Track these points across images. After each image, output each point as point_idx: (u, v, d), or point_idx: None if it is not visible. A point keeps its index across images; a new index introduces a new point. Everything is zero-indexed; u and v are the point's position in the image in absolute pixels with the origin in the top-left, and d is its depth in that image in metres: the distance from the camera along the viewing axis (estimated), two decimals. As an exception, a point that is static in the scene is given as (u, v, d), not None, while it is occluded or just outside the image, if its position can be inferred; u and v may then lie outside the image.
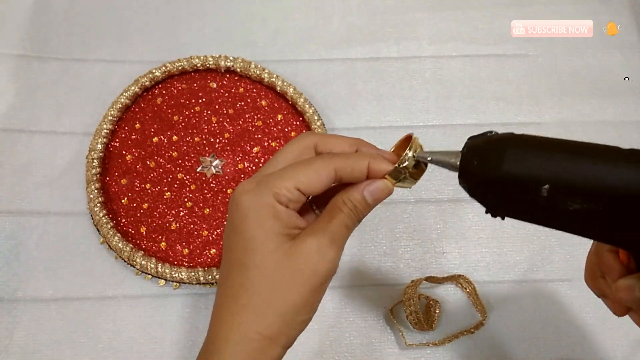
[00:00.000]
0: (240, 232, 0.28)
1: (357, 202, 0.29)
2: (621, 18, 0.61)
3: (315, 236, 0.28)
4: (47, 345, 0.47)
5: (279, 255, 0.27)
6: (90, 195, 0.50)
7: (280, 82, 0.54)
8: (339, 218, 0.29)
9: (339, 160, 0.28)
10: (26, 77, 0.56)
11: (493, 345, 0.48)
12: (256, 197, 0.27)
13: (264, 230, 0.27)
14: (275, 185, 0.27)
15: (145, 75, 0.54)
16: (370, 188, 0.29)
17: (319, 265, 0.27)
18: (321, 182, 0.28)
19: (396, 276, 0.50)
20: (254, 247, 0.27)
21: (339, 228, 0.29)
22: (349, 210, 0.29)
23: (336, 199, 0.29)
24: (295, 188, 0.27)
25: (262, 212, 0.27)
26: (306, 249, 0.27)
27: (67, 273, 0.49)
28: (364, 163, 0.29)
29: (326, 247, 0.28)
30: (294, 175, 0.28)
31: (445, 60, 0.59)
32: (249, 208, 0.27)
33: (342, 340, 0.48)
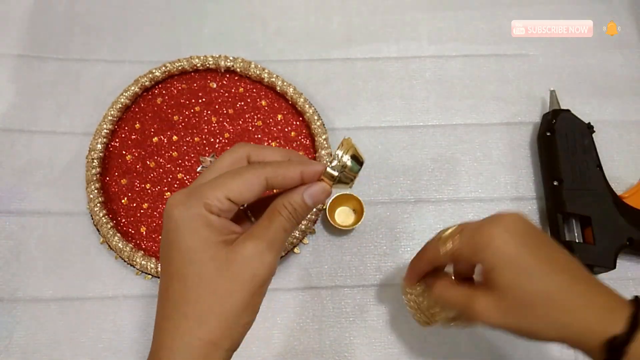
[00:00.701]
0: (175, 244, 0.28)
1: (297, 205, 0.29)
2: (621, 18, 0.61)
3: (254, 241, 0.28)
4: (47, 345, 0.47)
5: (217, 262, 0.27)
6: (90, 195, 0.50)
7: (280, 82, 0.54)
8: (277, 222, 0.29)
9: (270, 169, 0.29)
10: (26, 77, 0.56)
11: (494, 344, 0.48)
12: (187, 208, 0.27)
13: (199, 240, 0.27)
14: (206, 196, 0.27)
15: (145, 75, 0.54)
16: (310, 190, 0.29)
17: (258, 270, 0.28)
18: (252, 190, 0.28)
19: (396, 276, 0.50)
20: (190, 257, 0.27)
21: (278, 232, 0.29)
22: (288, 214, 0.29)
23: (276, 202, 0.30)
24: (226, 198, 0.27)
25: (194, 223, 0.27)
26: (245, 253, 0.28)
27: (67, 273, 0.49)
28: (295, 170, 0.29)
29: (265, 251, 0.28)
30: (224, 185, 0.28)
31: (445, 60, 0.59)
32: (181, 219, 0.27)
33: (342, 340, 0.48)
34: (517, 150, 0.55)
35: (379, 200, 0.52)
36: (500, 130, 0.56)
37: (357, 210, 0.50)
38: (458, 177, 0.54)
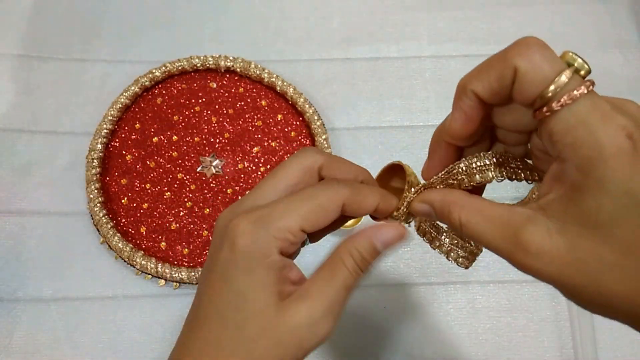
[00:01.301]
0: (227, 281, 0.23)
1: (366, 252, 0.24)
2: (621, 18, 0.61)
3: (308, 304, 0.23)
4: (47, 345, 0.47)
5: (264, 319, 0.23)
6: (90, 195, 0.50)
7: (280, 82, 0.54)
8: (340, 277, 0.24)
9: (349, 192, 0.24)
10: (26, 77, 0.56)
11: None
12: (255, 241, 0.23)
13: (253, 282, 0.23)
14: (279, 228, 0.23)
15: (145, 75, 0.54)
16: (384, 236, 0.25)
17: (307, 342, 0.23)
18: (328, 219, 0.24)
19: (396, 276, 0.50)
20: (238, 303, 0.23)
21: (339, 293, 0.24)
22: (353, 265, 0.24)
23: (341, 248, 0.25)
24: (300, 229, 0.23)
25: (255, 260, 0.23)
26: (295, 319, 0.23)
27: (67, 273, 0.49)
28: (373, 200, 0.25)
29: (320, 321, 0.23)
30: (300, 213, 0.23)
31: (445, 60, 0.59)
32: (244, 254, 0.23)
33: (343, 341, 0.48)
34: (517, 150, 0.55)
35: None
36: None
37: (357, 210, 0.50)
38: (458, 177, 0.54)
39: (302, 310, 0.23)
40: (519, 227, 0.20)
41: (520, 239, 0.20)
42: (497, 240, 0.21)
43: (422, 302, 0.49)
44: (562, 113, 0.19)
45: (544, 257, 0.19)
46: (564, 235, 0.19)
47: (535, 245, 0.19)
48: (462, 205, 0.23)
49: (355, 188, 0.25)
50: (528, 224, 0.20)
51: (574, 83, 0.19)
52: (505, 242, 0.21)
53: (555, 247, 0.19)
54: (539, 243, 0.19)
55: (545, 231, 0.19)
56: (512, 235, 0.20)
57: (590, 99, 0.19)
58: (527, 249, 0.20)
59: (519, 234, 0.20)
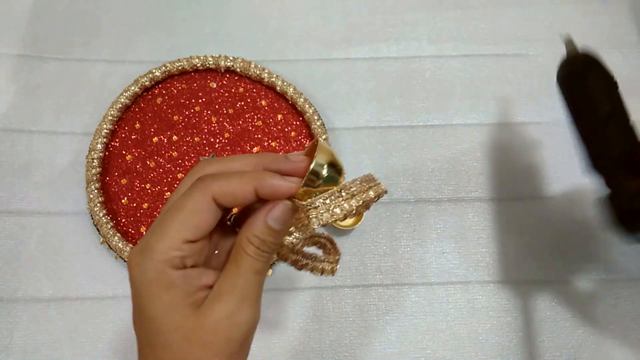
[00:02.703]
0: (140, 311, 0.24)
1: (264, 235, 0.25)
2: (621, 18, 0.61)
3: (222, 300, 0.24)
4: (47, 345, 0.47)
5: (184, 331, 0.24)
6: (90, 195, 0.50)
7: (280, 82, 0.54)
8: (245, 265, 0.25)
9: (216, 187, 0.24)
10: (26, 77, 0.56)
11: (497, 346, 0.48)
12: (143, 271, 0.24)
13: (161, 308, 0.24)
14: (161, 251, 0.24)
15: (145, 75, 0.54)
16: (272, 214, 0.25)
17: (231, 332, 0.24)
18: (208, 220, 0.24)
19: (396, 276, 0.50)
20: (155, 327, 0.24)
21: (247, 279, 0.25)
22: (255, 250, 0.25)
23: (239, 238, 0.25)
24: (184, 242, 0.24)
25: (153, 287, 0.24)
26: (213, 318, 0.24)
27: (67, 273, 0.49)
28: (246, 187, 0.24)
29: (236, 311, 0.24)
30: (176, 227, 0.24)
31: (445, 60, 0.59)
32: (139, 283, 0.24)
33: (342, 340, 0.48)
34: (517, 150, 0.55)
35: (379, 200, 0.52)
36: (500, 130, 0.56)
37: (357, 210, 0.50)
38: (458, 177, 0.54)
39: (217, 308, 0.24)
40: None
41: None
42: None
43: (422, 302, 0.49)
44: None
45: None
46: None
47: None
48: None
49: (224, 179, 0.24)
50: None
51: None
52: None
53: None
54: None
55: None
56: None
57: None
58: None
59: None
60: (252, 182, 0.24)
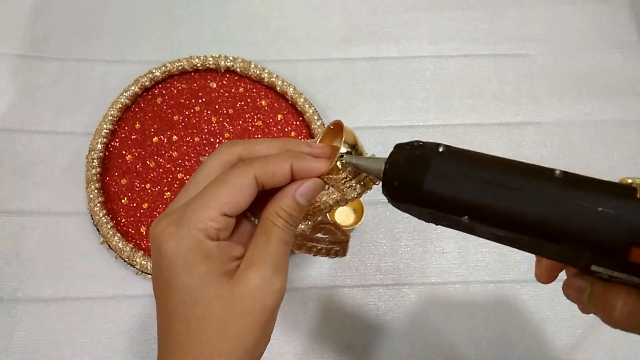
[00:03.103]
0: (172, 284, 0.25)
1: (291, 209, 0.26)
2: (621, 18, 0.61)
3: (256, 268, 0.25)
4: (47, 345, 0.47)
5: (222, 300, 0.24)
6: (90, 195, 0.50)
7: (280, 82, 0.54)
8: (275, 236, 0.26)
9: (258, 165, 0.25)
10: (26, 77, 0.56)
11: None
12: (180, 241, 0.24)
13: (198, 278, 0.24)
14: (199, 220, 0.24)
15: (145, 75, 0.54)
16: (302, 189, 0.26)
17: (267, 299, 0.25)
18: (246, 197, 0.25)
19: (396, 276, 0.50)
20: (191, 299, 0.24)
21: (279, 249, 0.26)
22: (283, 222, 0.26)
23: (267, 212, 0.26)
24: (221, 214, 0.24)
25: (190, 258, 0.24)
26: (250, 286, 0.25)
27: (67, 273, 0.49)
28: (285, 165, 0.26)
29: (271, 278, 0.25)
30: (216, 200, 0.24)
31: (445, 60, 0.59)
32: (174, 255, 0.24)
33: (342, 340, 0.48)
34: (517, 150, 0.55)
35: (379, 200, 0.52)
36: (500, 130, 0.56)
37: (357, 210, 0.50)
38: (458, 177, 0.54)
39: (252, 276, 0.25)
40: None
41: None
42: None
43: (421, 302, 0.49)
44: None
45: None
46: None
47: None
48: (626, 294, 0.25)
49: (263, 159, 0.26)
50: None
51: None
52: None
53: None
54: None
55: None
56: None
57: None
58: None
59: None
60: (289, 161, 0.26)
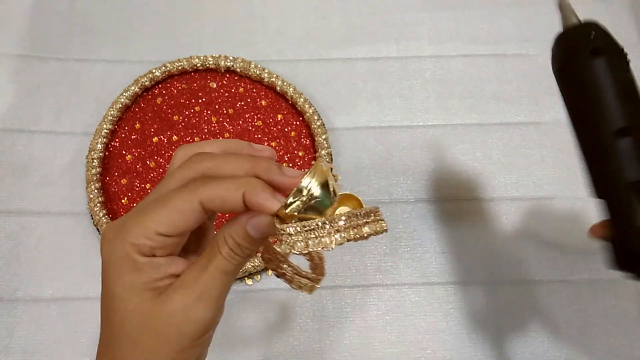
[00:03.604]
0: (104, 286, 0.25)
1: (240, 239, 0.24)
2: (621, 18, 0.61)
3: (181, 292, 0.24)
4: (47, 345, 0.47)
5: (139, 315, 0.24)
6: (90, 195, 0.50)
7: (280, 82, 0.54)
8: (215, 264, 0.25)
9: (206, 190, 0.24)
10: (26, 77, 0.56)
11: (493, 345, 0.48)
12: (113, 249, 0.24)
13: (122, 287, 0.24)
14: (132, 234, 0.24)
15: (145, 75, 0.54)
16: (254, 221, 0.24)
17: (185, 326, 0.24)
18: (187, 220, 0.24)
19: (396, 276, 0.50)
20: (114, 305, 0.24)
21: (213, 277, 0.24)
22: (228, 251, 0.24)
23: (217, 235, 0.25)
24: (157, 233, 0.24)
25: (119, 266, 0.24)
26: (169, 308, 0.24)
27: (67, 273, 0.49)
28: (236, 194, 0.23)
29: (192, 305, 0.24)
30: (153, 219, 0.24)
31: (445, 60, 0.59)
32: (108, 260, 0.24)
33: (342, 340, 0.48)
34: (517, 150, 0.55)
35: (379, 200, 0.52)
36: (500, 130, 0.56)
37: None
38: (458, 177, 0.54)
39: (175, 298, 0.24)
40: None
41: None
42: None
43: (421, 302, 0.49)
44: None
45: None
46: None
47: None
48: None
49: (215, 183, 0.24)
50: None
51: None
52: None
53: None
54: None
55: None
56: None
57: None
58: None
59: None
60: (242, 189, 0.24)
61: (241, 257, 0.25)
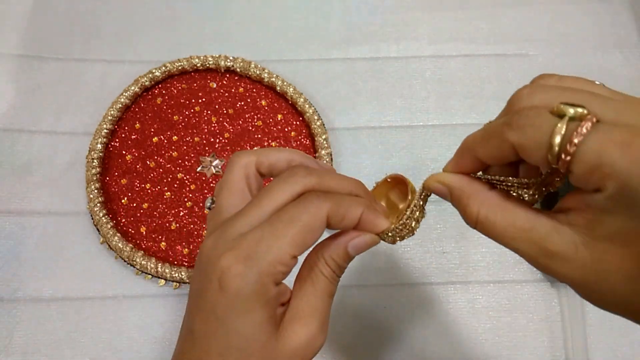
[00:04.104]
0: (224, 323, 0.23)
1: (341, 260, 0.25)
2: (621, 18, 0.61)
3: (304, 322, 0.24)
4: (47, 345, 0.47)
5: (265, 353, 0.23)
6: (90, 195, 0.50)
7: (280, 82, 0.54)
8: (321, 287, 0.24)
9: (330, 204, 0.23)
10: (26, 77, 0.56)
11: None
12: (248, 283, 0.22)
13: (252, 325, 0.22)
14: (270, 263, 0.22)
15: (145, 75, 0.54)
16: (357, 242, 0.25)
17: (307, 356, 0.24)
18: (315, 237, 0.23)
19: (396, 276, 0.50)
20: (238, 344, 0.23)
21: (324, 302, 0.24)
22: (331, 273, 0.24)
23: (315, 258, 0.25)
24: (291, 257, 0.23)
25: (251, 303, 0.22)
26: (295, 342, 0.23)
27: (67, 273, 0.49)
28: (357, 211, 0.24)
29: (317, 335, 0.24)
30: (286, 241, 0.22)
31: (445, 60, 0.59)
32: (238, 296, 0.22)
33: (342, 340, 0.48)
34: (517, 150, 0.55)
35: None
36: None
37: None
38: (458, 177, 0.54)
39: (299, 331, 0.23)
40: (545, 236, 0.21)
41: (545, 246, 0.21)
42: (519, 243, 0.22)
43: (422, 302, 0.49)
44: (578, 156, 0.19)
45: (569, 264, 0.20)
46: (589, 248, 0.20)
47: (562, 254, 0.21)
48: (482, 200, 0.23)
49: (337, 199, 0.24)
50: (554, 233, 0.21)
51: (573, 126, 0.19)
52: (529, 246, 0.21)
53: (580, 257, 0.20)
54: (564, 252, 0.20)
55: (571, 242, 0.20)
56: (538, 240, 0.21)
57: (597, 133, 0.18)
58: (552, 255, 0.21)
59: (545, 241, 0.21)
60: (362, 208, 0.24)
61: (339, 279, 0.25)
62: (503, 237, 0.22)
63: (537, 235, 0.21)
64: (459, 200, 0.24)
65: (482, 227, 0.23)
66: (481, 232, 0.24)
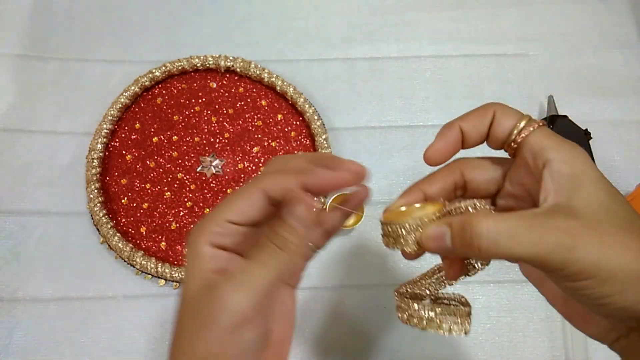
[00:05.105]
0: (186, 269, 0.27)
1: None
2: (621, 18, 0.61)
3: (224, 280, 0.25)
4: (47, 345, 0.47)
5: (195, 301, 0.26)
6: (90, 195, 0.50)
7: (280, 82, 0.54)
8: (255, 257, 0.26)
9: (268, 180, 0.26)
10: (26, 77, 0.56)
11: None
12: (193, 235, 0.27)
13: (187, 273, 0.26)
14: (206, 225, 0.26)
15: (145, 75, 0.54)
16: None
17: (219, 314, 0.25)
18: (253, 207, 0.26)
19: (396, 276, 0.50)
20: (183, 287, 0.27)
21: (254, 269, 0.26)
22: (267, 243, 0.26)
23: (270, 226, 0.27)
24: (226, 221, 0.26)
25: (189, 255, 0.26)
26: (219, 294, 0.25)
27: (67, 273, 0.49)
28: (294, 179, 0.26)
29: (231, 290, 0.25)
30: (225, 208, 0.26)
31: (445, 60, 0.59)
32: (188, 244, 0.27)
33: (343, 340, 0.48)
34: (517, 150, 0.55)
35: (379, 200, 0.52)
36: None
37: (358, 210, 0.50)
38: (458, 177, 0.54)
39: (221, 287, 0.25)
40: (572, 244, 0.23)
41: (573, 256, 0.23)
42: (542, 255, 0.23)
43: (422, 302, 0.49)
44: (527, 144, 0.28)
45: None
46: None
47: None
48: (485, 216, 0.25)
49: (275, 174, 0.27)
50: (579, 240, 0.23)
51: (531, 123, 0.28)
52: (555, 257, 0.23)
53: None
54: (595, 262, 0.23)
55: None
56: (565, 250, 0.23)
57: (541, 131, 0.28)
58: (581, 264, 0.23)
59: (572, 251, 0.23)
60: (300, 177, 0.26)
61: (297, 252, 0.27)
62: (520, 253, 0.25)
63: (563, 246, 0.24)
64: (462, 231, 0.27)
65: (495, 245, 0.25)
66: (492, 252, 0.26)
